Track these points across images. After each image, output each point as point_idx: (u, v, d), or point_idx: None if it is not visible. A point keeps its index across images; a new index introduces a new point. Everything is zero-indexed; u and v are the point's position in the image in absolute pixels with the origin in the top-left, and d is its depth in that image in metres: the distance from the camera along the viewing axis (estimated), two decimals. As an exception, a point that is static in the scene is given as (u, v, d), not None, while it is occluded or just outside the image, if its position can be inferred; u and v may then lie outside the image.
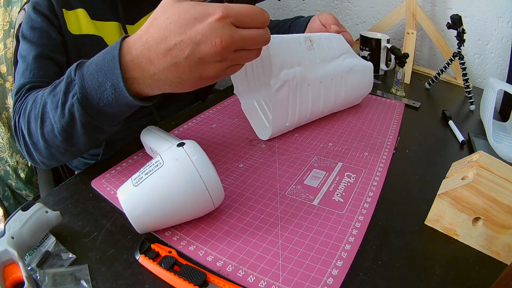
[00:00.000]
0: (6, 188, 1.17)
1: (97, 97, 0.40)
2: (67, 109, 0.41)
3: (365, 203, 0.45)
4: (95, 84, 0.39)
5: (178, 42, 0.36)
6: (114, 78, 0.38)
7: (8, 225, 0.35)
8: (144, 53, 0.37)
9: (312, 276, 0.35)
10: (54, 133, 0.43)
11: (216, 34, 0.35)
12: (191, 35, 0.35)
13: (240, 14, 0.36)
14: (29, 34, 0.58)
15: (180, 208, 0.38)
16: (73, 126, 0.42)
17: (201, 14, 0.35)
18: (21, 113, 0.48)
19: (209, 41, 0.35)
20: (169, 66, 0.37)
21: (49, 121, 0.43)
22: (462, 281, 0.36)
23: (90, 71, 0.40)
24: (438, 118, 0.73)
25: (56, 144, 0.45)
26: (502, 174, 0.40)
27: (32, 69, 0.53)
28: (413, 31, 0.95)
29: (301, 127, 0.64)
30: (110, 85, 0.39)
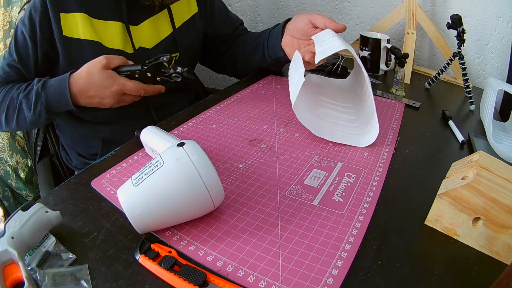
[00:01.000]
0: (6, 188, 1.16)
1: (55, 107, 0.65)
2: (37, 112, 0.65)
3: (365, 203, 0.45)
4: (54, 99, 0.65)
5: (94, 95, 0.64)
6: (66, 99, 0.64)
7: (8, 225, 0.35)
8: (77, 93, 0.64)
9: (312, 276, 0.35)
10: (26, 121, 0.67)
11: (112, 97, 0.64)
12: (100, 94, 0.64)
13: (127, 90, 0.64)
14: (19, 35, 0.66)
15: (180, 208, 0.38)
16: (40, 120, 0.67)
17: (109, 84, 0.63)
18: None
19: (108, 100, 0.64)
20: (86, 102, 0.65)
21: (23, 114, 0.66)
22: (462, 281, 0.36)
23: (51, 91, 0.64)
24: (438, 118, 0.73)
25: (24, 127, 0.72)
26: (502, 174, 0.40)
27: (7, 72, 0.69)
28: (413, 31, 0.95)
29: (301, 127, 0.63)
30: (63, 102, 0.65)
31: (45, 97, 0.64)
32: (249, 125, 0.64)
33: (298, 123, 0.65)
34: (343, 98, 0.71)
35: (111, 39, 0.67)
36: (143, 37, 0.71)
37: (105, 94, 0.63)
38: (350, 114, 0.67)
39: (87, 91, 0.63)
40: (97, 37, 0.66)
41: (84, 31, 0.64)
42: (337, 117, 0.66)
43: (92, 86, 0.63)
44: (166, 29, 0.75)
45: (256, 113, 0.69)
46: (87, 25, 0.64)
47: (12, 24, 1.03)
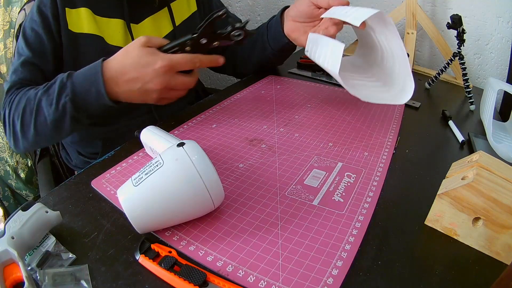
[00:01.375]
0: (6, 188, 1.17)
1: (84, 99, 0.55)
2: (60, 105, 0.55)
3: (365, 203, 0.45)
4: (83, 89, 0.55)
5: (135, 77, 0.54)
6: (98, 86, 0.54)
7: (8, 225, 0.35)
8: (113, 78, 0.54)
9: (312, 276, 0.35)
10: (46, 123, 0.57)
11: (158, 78, 0.54)
12: (143, 75, 0.54)
13: (177, 63, 0.54)
14: (28, 33, 0.63)
15: (180, 208, 0.38)
16: (63, 118, 0.56)
17: (152, 61, 0.53)
18: (12, 106, 0.60)
19: (153, 82, 0.54)
20: (126, 90, 0.55)
21: (43, 114, 0.56)
22: (462, 281, 0.36)
23: (79, 80, 0.55)
24: (438, 118, 0.73)
25: (44, 132, 0.58)
26: (502, 174, 0.40)
27: (22, 71, 0.63)
28: (413, 31, 0.95)
29: (301, 127, 0.64)
30: (94, 90, 0.54)
31: (71, 87, 0.54)
32: (249, 125, 0.64)
33: (298, 123, 0.65)
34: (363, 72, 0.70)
35: (113, 36, 0.67)
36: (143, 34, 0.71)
37: (149, 75, 0.53)
38: (375, 81, 0.66)
39: (125, 73, 0.54)
40: (100, 32, 0.66)
41: (89, 26, 0.64)
42: (367, 86, 0.65)
43: (131, 66, 0.53)
44: (166, 27, 0.75)
45: (256, 113, 0.69)
46: (91, 20, 0.65)
47: (12, 24, 1.03)
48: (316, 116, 0.68)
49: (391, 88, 0.62)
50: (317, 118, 0.67)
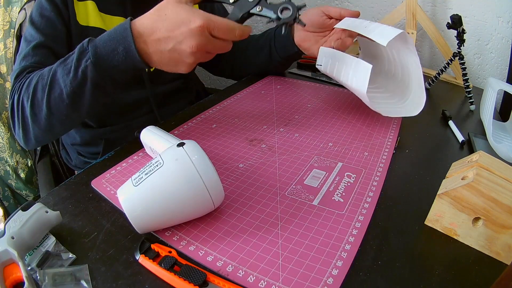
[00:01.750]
0: (6, 188, 1.17)
1: (109, 60, 0.48)
2: (80, 72, 0.48)
3: (365, 203, 0.45)
4: (108, 49, 0.48)
5: (166, 37, 0.46)
6: (126, 43, 0.47)
7: (8, 225, 0.35)
8: (143, 35, 0.47)
9: (312, 276, 0.35)
10: (62, 97, 0.50)
11: (193, 39, 0.45)
12: (176, 35, 0.46)
13: (217, 27, 0.46)
14: (37, 20, 0.60)
15: (180, 208, 0.38)
16: (83, 87, 0.49)
17: (187, 19, 0.45)
18: (21, 89, 0.53)
19: (187, 43, 0.46)
20: (156, 51, 0.48)
21: (58, 87, 0.50)
22: (462, 281, 0.36)
23: (103, 40, 0.48)
24: (438, 118, 0.73)
25: (59, 111, 0.51)
26: (502, 174, 0.40)
27: (33, 55, 0.58)
28: (413, 31, 0.95)
29: (301, 127, 0.64)
30: (122, 49, 0.47)
31: (93, 49, 0.48)
32: (249, 125, 0.64)
33: (298, 123, 0.65)
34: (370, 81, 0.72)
35: None
36: None
37: (183, 34, 0.45)
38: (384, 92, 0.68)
39: (156, 30, 0.46)
40: (106, 27, 0.65)
41: (95, 20, 0.64)
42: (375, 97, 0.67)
43: (163, 24, 0.46)
44: None
45: (256, 113, 0.69)
46: (97, 14, 0.64)
47: (12, 24, 1.03)
48: (316, 116, 0.68)
49: (401, 99, 0.65)
50: (317, 118, 0.67)
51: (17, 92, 0.54)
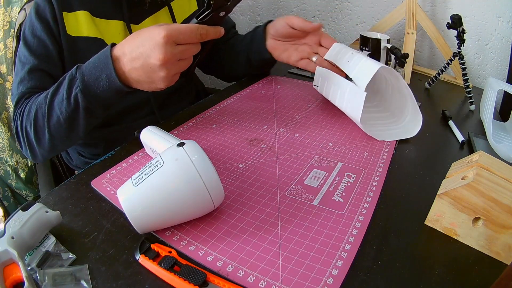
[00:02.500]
0: (6, 188, 1.17)
1: (95, 86, 0.52)
2: (72, 99, 0.52)
3: (365, 203, 0.45)
4: (93, 77, 0.51)
5: (137, 54, 0.49)
6: (108, 71, 0.51)
7: (8, 225, 0.35)
8: (120, 58, 0.51)
9: (312, 276, 0.35)
10: (60, 123, 0.54)
11: (159, 51, 0.47)
12: (144, 50, 0.49)
13: (179, 33, 0.48)
14: (30, 40, 0.61)
15: (180, 208, 0.38)
16: (76, 112, 0.53)
17: (152, 34, 0.48)
18: (23, 116, 0.58)
19: (155, 56, 0.48)
20: (131, 70, 0.51)
21: (55, 114, 0.54)
22: (462, 281, 0.36)
23: (88, 68, 0.52)
24: (438, 118, 0.73)
25: (59, 134, 0.56)
26: (502, 174, 0.40)
27: (30, 79, 0.61)
28: (413, 31, 0.95)
29: (301, 127, 0.64)
30: (105, 76, 0.51)
31: (80, 77, 0.52)
32: (249, 125, 0.64)
33: (298, 123, 0.65)
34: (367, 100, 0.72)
35: (113, 38, 0.66)
36: None
37: (150, 48, 0.48)
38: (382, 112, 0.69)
39: (130, 50, 0.49)
40: (100, 35, 0.65)
41: (88, 29, 0.64)
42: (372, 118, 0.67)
43: (135, 42, 0.50)
44: None
45: (256, 113, 0.69)
46: (90, 23, 0.64)
47: (12, 24, 1.03)
48: (316, 116, 0.68)
49: (399, 119, 0.65)
50: (317, 118, 0.67)
51: (19, 118, 0.59)
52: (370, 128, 0.61)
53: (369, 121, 0.65)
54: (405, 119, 0.64)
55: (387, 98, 0.69)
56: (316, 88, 0.72)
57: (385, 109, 0.69)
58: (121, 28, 0.67)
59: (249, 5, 1.37)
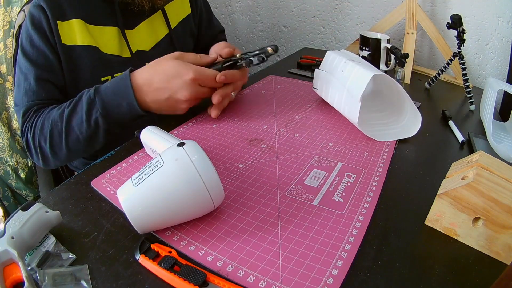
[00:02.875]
0: (6, 188, 1.17)
1: (116, 113, 0.56)
2: (93, 122, 0.56)
3: (365, 203, 0.45)
4: (113, 104, 0.56)
5: (163, 87, 0.55)
6: (129, 99, 0.55)
7: (8, 225, 0.35)
8: (142, 88, 0.56)
9: (312, 276, 0.35)
10: (79, 141, 0.57)
11: (186, 90, 0.56)
12: (171, 86, 0.55)
13: (204, 78, 0.56)
14: (29, 50, 0.61)
15: (180, 208, 0.38)
16: (97, 133, 0.57)
17: (180, 73, 0.55)
18: (35, 131, 0.59)
19: (181, 93, 0.56)
20: (154, 100, 0.56)
21: (74, 133, 0.57)
22: (462, 281, 0.36)
23: (108, 94, 0.56)
24: (438, 118, 0.73)
25: (78, 150, 0.59)
26: (502, 174, 0.40)
27: (34, 91, 0.61)
28: (413, 31, 0.95)
29: (301, 127, 0.64)
30: (126, 104, 0.55)
31: (100, 102, 0.55)
32: (249, 125, 0.64)
33: (298, 123, 0.65)
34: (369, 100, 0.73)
35: (107, 44, 0.66)
36: (139, 40, 0.71)
37: (178, 86, 0.54)
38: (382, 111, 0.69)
39: (153, 83, 0.55)
40: (94, 42, 0.65)
41: (82, 37, 0.63)
42: (372, 118, 0.67)
43: (159, 76, 0.55)
44: (162, 30, 0.75)
45: (256, 113, 0.69)
46: (84, 31, 0.63)
47: (12, 24, 1.03)
48: (316, 116, 0.68)
49: (398, 118, 0.65)
50: (317, 118, 0.67)
51: (30, 132, 0.60)
52: (369, 129, 0.61)
53: (369, 121, 0.65)
54: (404, 119, 0.64)
55: (386, 98, 0.69)
56: (315, 90, 0.72)
57: (385, 108, 0.69)
58: (115, 34, 0.67)
59: (249, 5, 1.37)
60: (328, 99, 0.69)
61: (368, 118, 0.66)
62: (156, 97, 0.56)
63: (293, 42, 1.36)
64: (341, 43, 1.25)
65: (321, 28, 1.27)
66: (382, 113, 0.68)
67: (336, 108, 0.67)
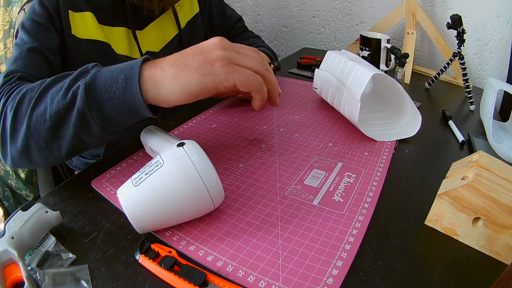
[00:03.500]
0: (6, 188, 1.17)
1: (104, 88, 0.41)
2: (71, 91, 0.41)
3: (365, 203, 0.45)
4: (107, 75, 0.41)
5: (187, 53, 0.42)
6: (130, 73, 0.41)
7: (8, 225, 0.35)
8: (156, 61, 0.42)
9: (312, 276, 0.35)
10: (44, 117, 0.42)
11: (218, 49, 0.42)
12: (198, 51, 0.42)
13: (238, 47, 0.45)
14: (29, 25, 0.57)
15: (180, 208, 0.38)
16: (69, 112, 0.41)
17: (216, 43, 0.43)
18: (9, 96, 0.46)
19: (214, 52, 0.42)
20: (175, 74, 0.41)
21: (44, 104, 0.42)
22: (462, 281, 0.36)
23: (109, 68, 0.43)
24: (438, 118, 0.73)
25: (39, 132, 0.43)
26: (502, 174, 0.40)
27: (25, 59, 0.53)
28: (413, 31, 0.95)
29: (301, 127, 0.64)
30: (123, 78, 0.41)
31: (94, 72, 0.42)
32: (249, 125, 0.64)
33: (298, 123, 0.65)
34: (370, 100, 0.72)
35: (117, 44, 0.66)
36: (149, 40, 0.71)
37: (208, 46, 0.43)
38: (382, 111, 0.69)
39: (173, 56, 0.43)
40: (106, 39, 0.63)
41: (94, 32, 0.62)
42: (372, 118, 0.67)
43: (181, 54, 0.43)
44: (171, 31, 0.75)
45: (256, 113, 0.69)
46: (96, 26, 0.62)
47: (12, 24, 1.03)
48: (316, 116, 0.68)
49: (398, 118, 0.65)
50: (317, 118, 0.67)
51: (4, 96, 0.47)
52: (369, 129, 0.61)
53: (368, 121, 0.65)
54: (404, 119, 0.64)
55: (386, 98, 0.69)
56: (315, 90, 0.72)
57: (385, 108, 0.69)
58: (124, 34, 0.67)
59: (249, 5, 1.37)
60: (328, 99, 0.69)
61: (368, 118, 0.66)
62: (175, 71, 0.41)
63: (293, 42, 1.36)
64: (341, 43, 1.25)
65: (321, 28, 1.27)
66: (382, 113, 0.68)
67: (336, 108, 0.67)
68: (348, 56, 0.67)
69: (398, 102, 0.65)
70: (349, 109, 0.61)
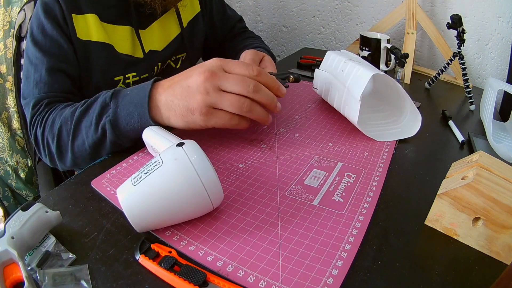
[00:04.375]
0: (6, 188, 1.17)
1: (125, 122, 0.50)
2: (100, 128, 0.50)
3: (365, 203, 0.45)
4: (126, 112, 0.50)
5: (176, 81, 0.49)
6: (142, 111, 0.49)
7: (8, 225, 0.35)
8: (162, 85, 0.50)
9: (312, 276, 0.35)
10: (84, 147, 0.52)
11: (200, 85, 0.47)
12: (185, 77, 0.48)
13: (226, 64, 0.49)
14: (41, 39, 0.58)
15: (179, 208, 0.38)
16: (102, 142, 0.52)
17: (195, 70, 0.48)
18: (45, 127, 0.55)
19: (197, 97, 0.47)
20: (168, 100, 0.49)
21: (81, 137, 0.52)
22: (462, 281, 0.36)
23: (125, 101, 0.50)
24: (438, 118, 0.73)
25: (82, 155, 0.54)
26: (502, 174, 0.40)
27: (46, 82, 0.57)
28: (413, 31, 0.95)
29: (301, 127, 0.64)
30: (137, 114, 0.49)
31: (114, 107, 0.50)
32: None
33: (298, 123, 0.65)
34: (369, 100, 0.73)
35: (120, 43, 0.66)
36: (152, 40, 0.71)
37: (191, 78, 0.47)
38: (382, 111, 0.69)
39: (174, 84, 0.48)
40: (109, 40, 0.64)
41: (98, 34, 0.62)
42: (372, 118, 0.67)
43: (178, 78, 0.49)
44: (174, 30, 0.75)
45: (256, 113, 0.68)
46: (99, 27, 0.62)
47: (12, 24, 1.03)
48: (316, 116, 0.68)
49: (398, 118, 0.65)
50: (317, 118, 0.67)
51: (40, 126, 0.56)
52: (369, 129, 0.61)
53: (369, 121, 0.65)
54: (404, 119, 0.64)
55: (386, 98, 0.69)
56: (315, 90, 0.72)
57: (385, 108, 0.69)
58: (128, 33, 0.67)
59: (249, 5, 1.37)
60: (328, 99, 0.69)
61: (368, 118, 0.66)
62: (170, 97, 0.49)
63: (293, 42, 1.36)
64: (341, 43, 1.25)
65: (321, 28, 1.27)
66: (382, 113, 0.68)
67: (336, 108, 0.67)
68: (348, 56, 0.67)
69: (398, 102, 0.65)
70: (349, 109, 0.61)
